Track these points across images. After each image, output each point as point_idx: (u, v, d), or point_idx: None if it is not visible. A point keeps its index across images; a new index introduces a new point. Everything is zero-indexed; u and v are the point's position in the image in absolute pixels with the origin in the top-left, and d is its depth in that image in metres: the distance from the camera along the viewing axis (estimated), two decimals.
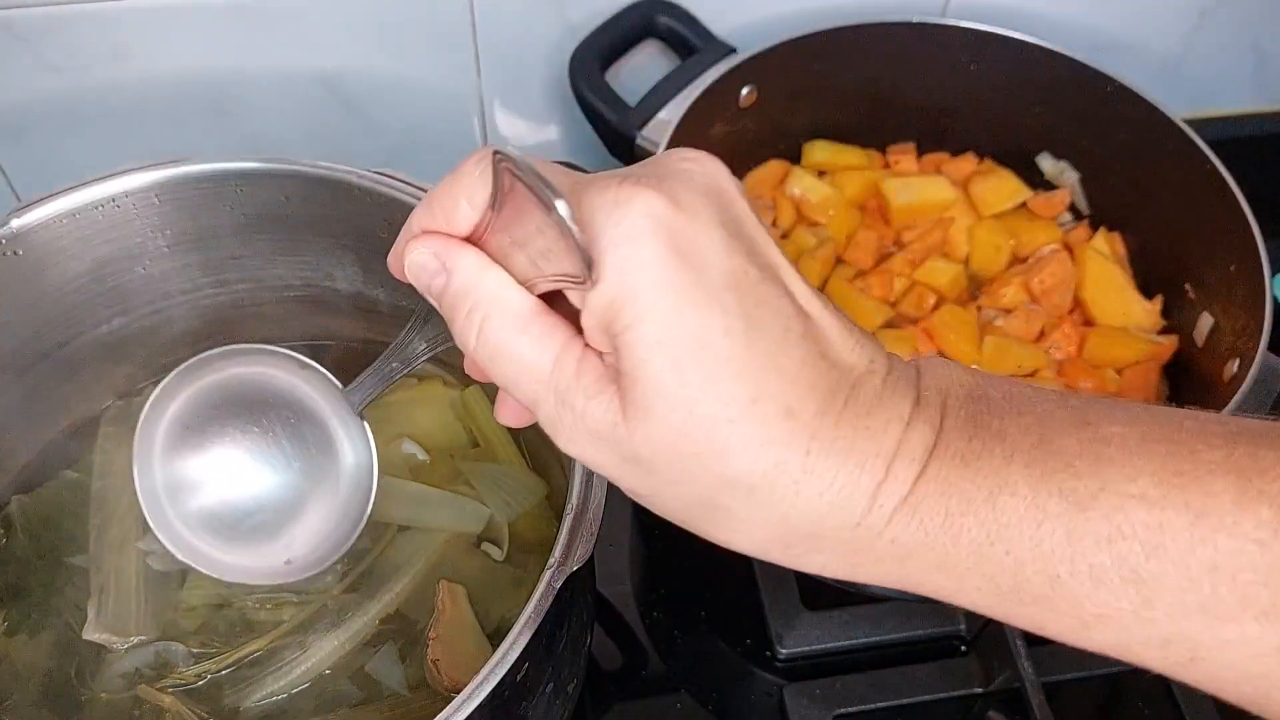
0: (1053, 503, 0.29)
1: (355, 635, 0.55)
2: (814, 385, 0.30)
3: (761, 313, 0.30)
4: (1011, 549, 0.29)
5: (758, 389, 0.30)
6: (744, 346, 0.30)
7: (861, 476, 0.30)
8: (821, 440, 0.30)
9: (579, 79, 0.73)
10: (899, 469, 0.30)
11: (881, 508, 0.30)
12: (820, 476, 0.30)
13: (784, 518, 0.31)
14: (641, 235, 0.29)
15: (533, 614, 0.43)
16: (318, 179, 0.56)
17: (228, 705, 0.53)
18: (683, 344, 0.29)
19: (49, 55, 0.71)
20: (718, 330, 0.29)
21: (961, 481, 0.30)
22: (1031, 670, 0.62)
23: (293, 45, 0.74)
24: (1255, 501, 0.27)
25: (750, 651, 0.67)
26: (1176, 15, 0.86)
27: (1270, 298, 0.62)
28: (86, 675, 0.54)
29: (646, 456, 0.31)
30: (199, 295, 0.63)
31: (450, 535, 0.58)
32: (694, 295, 0.29)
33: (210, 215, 0.58)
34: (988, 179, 0.79)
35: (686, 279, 0.29)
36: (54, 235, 0.55)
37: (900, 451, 0.30)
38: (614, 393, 0.31)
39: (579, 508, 0.46)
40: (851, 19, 0.74)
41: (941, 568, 0.30)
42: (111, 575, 0.56)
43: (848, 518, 0.30)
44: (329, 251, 0.61)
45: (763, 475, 0.30)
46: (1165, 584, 0.28)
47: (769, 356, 0.30)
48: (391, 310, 0.64)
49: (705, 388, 0.29)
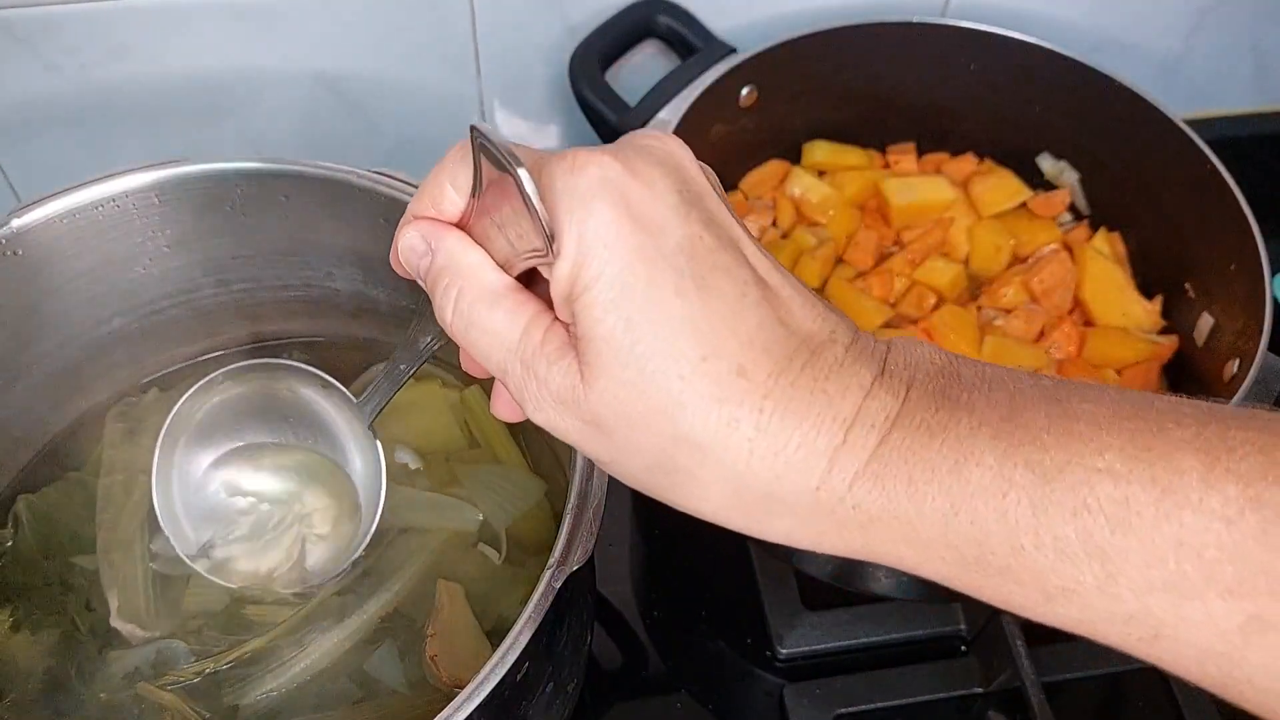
0: (1019, 474, 0.29)
1: (354, 633, 0.55)
2: (768, 348, 0.31)
3: (716, 277, 0.31)
4: (976, 519, 0.29)
5: (709, 347, 0.30)
6: (696, 307, 0.30)
7: (818, 439, 0.30)
8: (775, 400, 0.30)
9: (579, 79, 0.73)
10: (858, 434, 0.30)
11: (842, 472, 0.30)
12: (774, 436, 0.30)
13: (739, 478, 0.31)
14: (595, 198, 0.30)
15: (533, 614, 0.43)
16: (317, 179, 0.56)
17: (227, 703, 0.53)
18: (635, 303, 0.30)
19: (49, 55, 0.71)
20: (669, 290, 0.30)
21: (926, 450, 0.30)
22: (1031, 670, 0.62)
23: (292, 45, 0.74)
24: (1223, 479, 0.27)
25: (750, 651, 0.67)
26: (1176, 15, 0.86)
27: (1270, 298, 0.62)
28: (87, 674, 0.54)
29: (605, 418, 0.31)
30: (199, 295, 0.63)
31: (448, 536, 0.58)
32: (647, 256, 0.30)
33: (210, 215, 0.58)
34: (988, 179, 0.79)
35: (640, 240, 0.30)
36: (54, 235, 0.55)
37: (859, 418, 0.30)
38: (574, 358, 0.32)
39: (578, 507, 0.46)
40: (851, 19, 0.74)
41: (906, 537, 0.30)
42: (121, 572, 0.57)
43: (806, 481, 0.30)
44: (328, 251, 0.61)
45: (714, 433, 0.30)
46: (1130, 559, 0.27)
47: (722, 318, 0.30)
48: (391, 310, 0.64)
49: (656, 345, 0.30)
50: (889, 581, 0.64)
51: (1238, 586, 0.27)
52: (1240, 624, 0.27)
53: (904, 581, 0.64)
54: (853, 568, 0.65)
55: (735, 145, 0.77)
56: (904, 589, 0.65)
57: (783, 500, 0.31)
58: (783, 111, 0.78)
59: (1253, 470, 0.27)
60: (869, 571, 0.64)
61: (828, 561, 0.64)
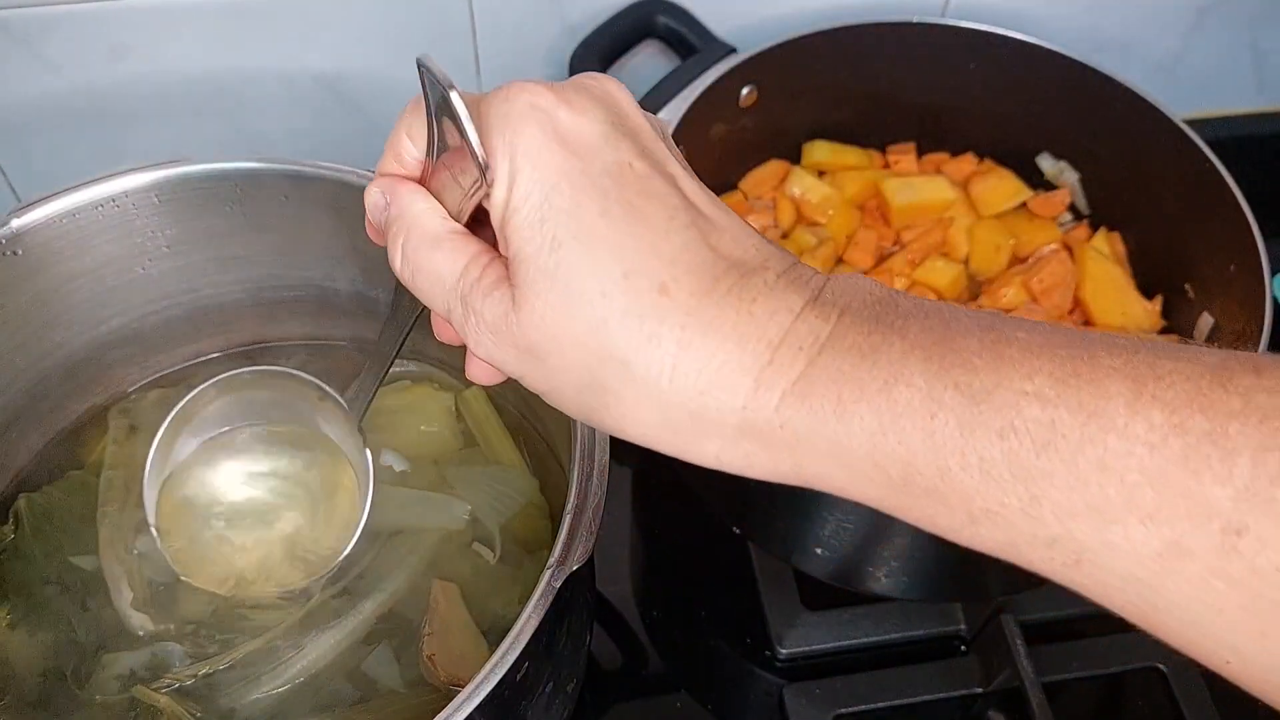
0: (948, 395, 0.29)
1: (351, 634, 0.55)
2: (693, 269, 0.31)
3: (643, 202, 0.32)
4: (904, 439, 0.29)
5: (630, 265, 0.31)
6: (621, 228, 0.31)
7: (743, 356, 0.30)
8: (697, 318, 0.31)
9: None
10: (785, 354, 0.30)
11: (768, 390, 0.30)
12: (697, 351, 0.30)
13: (663, 395, 0.31)
14: (525, 121, 0.31)
15: (532, 613, 0.43)
16: (317, 178, 0.56)
17: (224, 705, 0.53)
18: (560, 222, 0.31)
19: (48, 55, 0.70)
20: (594, 211, 0.31)
21: (856, 371, 0.30)
22: (1031, 670, 0.62)
23: (292, 45, 0.74)
24: (1149, 405, 0.27)
25: (750, 651, 0.67)
26: (1176, 15, 0.86)
27: (1270, 298, 0.62)
28: (83, 676, 0.54)
29: (536, 341, 0.32)
30: (198, 296, 0.63)
31: (443, 536, 0.58)
32: (573, 178, 0.31)
33: (210, 215, 0.58)
34: (988, 179, 0.79)
35: (567, 163, 0.31)
36: (54, 235, 0.55)
37: (786, 339, 0.30)
38: (507, 288, 0.32)
39: (578, 507, 0.46)
40: (851, 19, 0.74)
41: (834, 455, 0.30)
42: (128, 564, 0.57)
43: (731, 399, 0.31)
44: (328, 251, 0.61)
45: (636, 349, 0.31)
46: (1053, 482, 0.27)
47: (645, 239, 0.31)
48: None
49: (579, 263, 0.31)
50: (889, 581, 0.64)
51: (1157, 512, 0.27)
52: (1159, 550, 0.27)
53: (904, 581, 0.64)
54: (853, 568, 0.65)
55: (735, 145, 0.77)
56: (904, 589, 0.65)
57: (709, 419, 0.31)
58: (783, 111, 0.78)
59: (1179, 398, 0.27)
60: (869, 571, 0.64)
61: (828, 561, 0.64)
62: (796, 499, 0.61)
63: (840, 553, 0.63)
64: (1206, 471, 0.26)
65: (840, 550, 0.63)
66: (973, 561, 0.64)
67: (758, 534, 0.69)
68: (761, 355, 0.30)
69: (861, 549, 0.62)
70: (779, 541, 0.67)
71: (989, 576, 0.65)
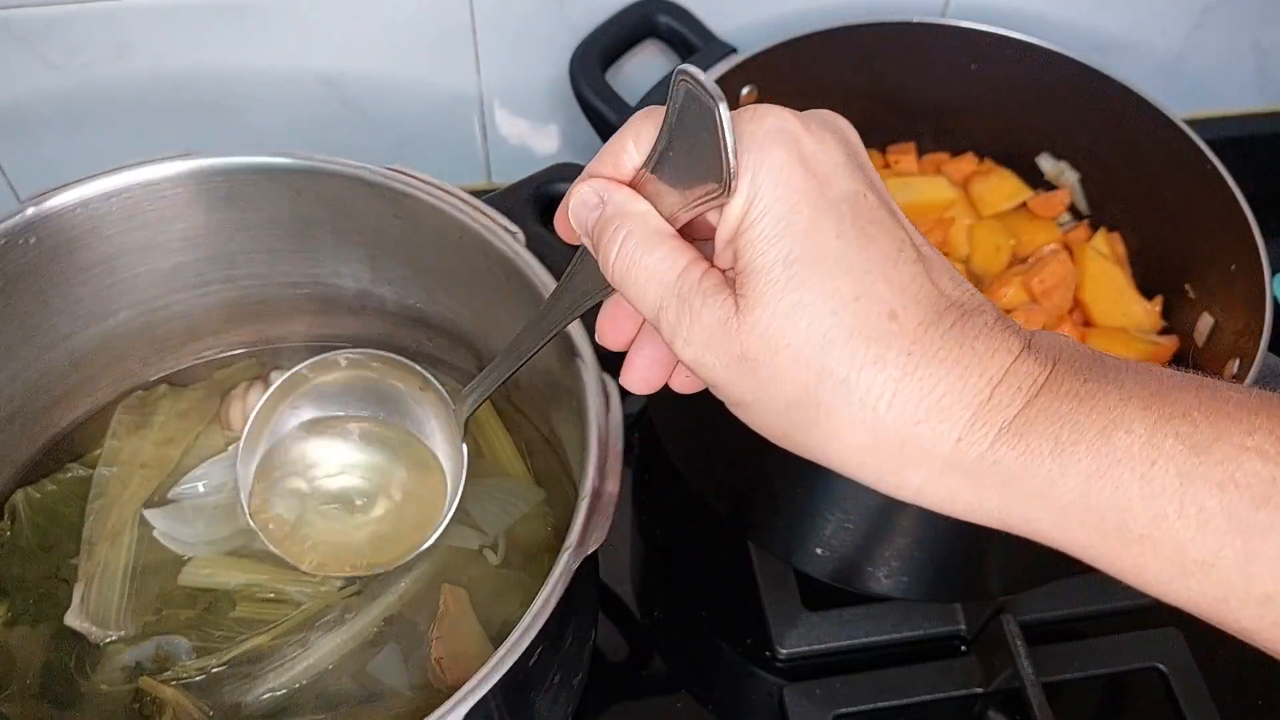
0: (1168, 444, 0.29)
1: (358, 634, 0.55)
2: (920, 300, 0.32)
3: (876, 231, 0.33)
4: (1120, 484, 0.29)
5: (863, 289, 0.32)
6: (854, 251, 0.32)
7: (964, 390, 0.31)
8: (924, 347, 0.31)
9: (579, 79, 0.73)
10: (1004, 394, 0.31)
11: (985, 426, 0.31)
12: (919, 380, 0.31)
13: (878, 419, 0.31)
14: (772, 143, 0.32)
15: (550, 595, 0.43)
16: (331, 174, 0.57)
17: (229, 700, 0.53)
18: (797, 240, 0.32)
19: (50, 54, 0.71)
20: (831, 232, 0.32)
21: (1074, 415, 0.30)
22: (1031, 670, 0.62)
23: (294, 45, 0.74)
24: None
25: (750, 651, 0.67)
26: (1177, 15, 0.86)
27: (1270, 298, 0.62)
28: (86, 667, 0.54)
29: (754, 350, 0.32)
30: (206, 291, 0.63)
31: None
32: (813, 200, 0.32)
33: (223, 210, 0.58)
34: (988, 179, 0.79)
35: (808, 185, 0.32)
36: (69, 224, 0.55)
37: (1006, 379, 0.31)
38: (729, 294, 0.33)
39: (595, 491, 0.47)
40: (851, 19, 0.74)
41: (1044, 498, 0.31)
42: (100, 565, 0.57)
43: (947, 430, 0.31)
44: (338, 248, 0.61)
45: (859, 370, 0.31)
46: (1271, 539, 0.28)
47: (878, 265, 0.32)
48: (397, 309, 0.64)
49: (813, 280, 0.32)
50: (889, 581, 0.64)
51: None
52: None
53: (904, 581, 0.64)
54: (853, 568, 0.65)
55: None
56: (904, 589, 0.65)
57: (920, 449, 0.31)
58: None
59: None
60: (869, 571, 0.64)
61: (828, 561, 0.64)
62: (797, 499, 0.61)
63: (840, 553, 0.63)
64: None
65: (840, 550, 0.63)
66: (973, 561, 0.64)
67: (758, 534, 0.69)
68: (981, 391, 0.31)
69: (861, 549, 0.62)
70: (779, 541, 0.67)
71: (989, 576, 0.65)
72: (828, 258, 0.32)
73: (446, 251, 0.57)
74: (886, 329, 0.31)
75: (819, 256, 0.32)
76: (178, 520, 0.58)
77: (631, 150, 0.36)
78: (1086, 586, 0.68)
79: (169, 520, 0.58)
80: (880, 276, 0.32)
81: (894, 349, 0.31)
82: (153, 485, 0.60)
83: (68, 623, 0.55)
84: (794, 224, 0.32)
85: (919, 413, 0.31)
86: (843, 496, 0.58)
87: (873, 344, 0.31)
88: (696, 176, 0.34)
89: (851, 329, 0.31)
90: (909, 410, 0.31)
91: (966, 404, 0.31)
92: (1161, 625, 0.67)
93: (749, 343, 0.32)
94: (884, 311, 0.31)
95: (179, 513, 0.59)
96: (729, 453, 0.66)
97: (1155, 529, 0.29)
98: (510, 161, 0.86)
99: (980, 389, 0.31)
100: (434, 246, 0.58)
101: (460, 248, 0.57)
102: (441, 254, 0.58)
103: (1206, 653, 0.66)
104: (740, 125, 0.33)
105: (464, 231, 0.55)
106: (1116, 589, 0.68)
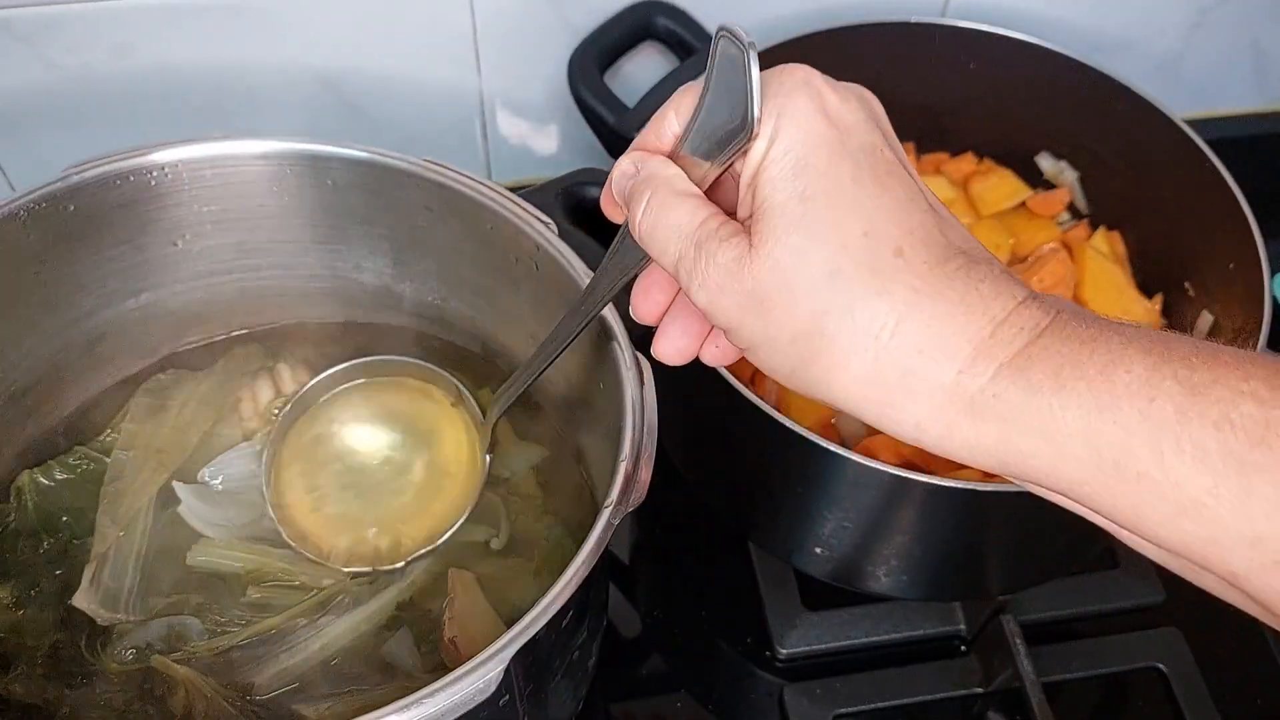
0: (1166, 384, 0.30)
1: (371, 618, 0.55)
2: (927, 243, 0.33)
3: (891, 181, 0.34)
4: (1120, 419, 0.30)
5: (872, 226, 0.33)
6: (868, 195, 0.33)
7: (966, 326, 0.32)
8: (929, 283, 0.32)
9: (578, 80, 0.73)
10: (1007, 331, 0.32)
11: (987, 359, 0.32)
12: (922, 312, 0.32)
13: (881, 349, 0.32)
14: (796, 91, 0.34)
15: (592, 549, 0.44)
16: (366, 163, 0.57)
17: (241, 680, 0.53)
18: (813, 179, 0.33)
19: (50, 53, 0.71)
20: (846, 177, 0.33)
21: (1075, 354, 0.31)
22: (1031, 670, 0.62)
23: (294, 44, 0.74)
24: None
25: (750, 651, 0.67)
26: (1176, 15, 0.86)
27: (1270, 297, 0.62)
28: (97, 647, 0.54)
29: (765, 285, 0.34)
30: (228, 278, 0.63)
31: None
32: (833, 146, 0.34)
33: (256, 195, 0.58)
34: (987, 178, 0.79)
35: (829, 133, 0.34)
36: (107, 196, 0.55)
37: (1010, 319, 0.32)
38: (744, 237, 0.34)
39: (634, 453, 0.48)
40: (851, 19, 0.74)
41: (1044, 433, 0.31)
42: (113, 548, 0.57)
43: (948, 362, 0.32)
44: (364, 240, 0.61)
45: (864, 300, 0.32)
46: (1266, 478, 0.28)
47: (889, 208, 0.33)
48: (414, 307, 0.64)
49: (825, 216, 0.33)
50: (889, 581, 0.64)
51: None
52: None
53: (904, 581, 0.64)
54: (853, 567, 0.65)
55: None
56: (904, 589, 0.65)
57: (920, 380, 0.32)
58: None
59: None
60: (869, 571, 0.64)
61: (827, 561, 0.64)
62: (797, 499, 0.61)
63: (840, 552, 0.63)
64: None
65: (840, 550, 0.63)
66: (972, 560, 0.64)
67: (758, 534, 0.69)
68: (984, 328, 0.32)
69: (861, 548, 0.62)
70: (779, 541, 0.67)
71: (988, 576, 0.65)
72: (843, 198, 0.33)
73: (475, 244, 0.58)
74: (892, 264, 0.32)
75: (833, 196, 0.33)
76: (205, 500, 0.59)
77: (672, 120, 0.38)
78: (1086, 586, 0.69)
79: (197, 499, 0.58)
80: (890, 219, 0.33)
81: (899, 282, 0.32)
82: (168, 470, 0.59)
83: (76, 604, 0.55)
84: (812, 164, 0.33)
85: (920, 342, 0.32)
86: (843, 496, 0.58)
87: (878, 276, 0.32)
88: (725, 124, 0.35)
89: (859, 261, 0.32)
90: (910, 340, 0.32)
91: (969, 338, 0.32)
92: (1161, 625, 0.67)
93: (760, 276, 0.34)
94: (891, 248, 0.33)
95: (206, 493, 0.59)
96: (729, 453, 0.66)
97: (1153, 465, 0.30)
98: (510, 162, 0.86)
99: (983, 326, 0.32)
100: (463, 239, 0.58)
101: (490, 240, 0.57)
102: (470, 247, 0.58)
103: (1206, 653, 0.66)
104: (768, 75, 0.34)
105: (495, 221, 0.56)
106: (1117, 589, 0.69)
